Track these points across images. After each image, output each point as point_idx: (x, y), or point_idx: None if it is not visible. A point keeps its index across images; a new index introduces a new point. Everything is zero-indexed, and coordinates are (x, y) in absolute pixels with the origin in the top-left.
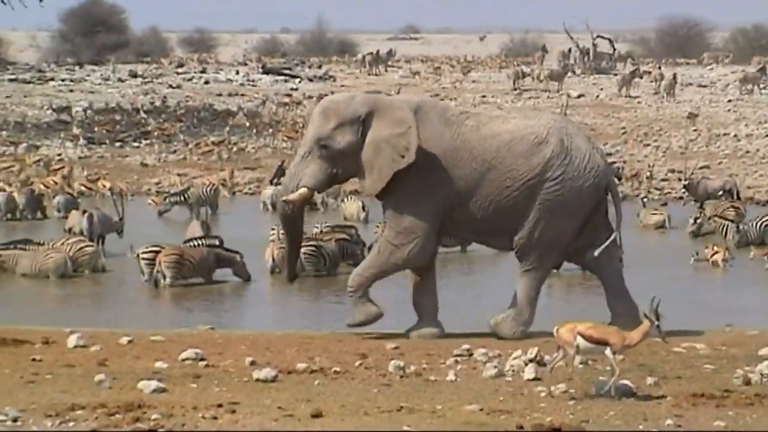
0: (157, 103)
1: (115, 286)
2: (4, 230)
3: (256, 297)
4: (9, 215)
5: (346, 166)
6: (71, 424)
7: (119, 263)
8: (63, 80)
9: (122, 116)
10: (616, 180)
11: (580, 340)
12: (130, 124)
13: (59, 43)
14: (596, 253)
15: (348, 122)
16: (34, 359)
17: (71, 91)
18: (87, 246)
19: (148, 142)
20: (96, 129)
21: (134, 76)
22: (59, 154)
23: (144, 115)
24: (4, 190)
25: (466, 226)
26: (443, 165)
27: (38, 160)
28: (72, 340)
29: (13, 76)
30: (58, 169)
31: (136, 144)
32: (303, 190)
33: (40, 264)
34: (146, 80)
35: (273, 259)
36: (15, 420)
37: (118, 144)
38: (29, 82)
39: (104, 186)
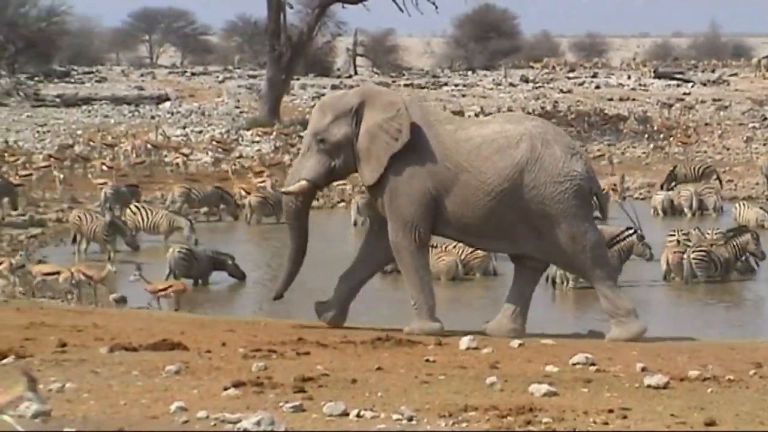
0: (548, 108)
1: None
2: None
3: (647, 302)
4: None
5: (344, 158)
6: (464, 424)
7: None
8: (456, 85)
9: None
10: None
11: None
12: None
13: (453, 49)
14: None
15: (342, 114)
16: (427, 360)
17: (464, 96)
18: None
19: None
20: None
21: (525, 80)
22: None
23: None
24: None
25: (452, 226)
26: (422, 164)
27: None
28: (464, 342)
29: (408, 81)
30: None
31: None
32: (302, 183)
33: (432, 266)
34: (537, 85)
35: (668, 264)
36: (410, 419)
37: None
38: (423, 87)
39: None
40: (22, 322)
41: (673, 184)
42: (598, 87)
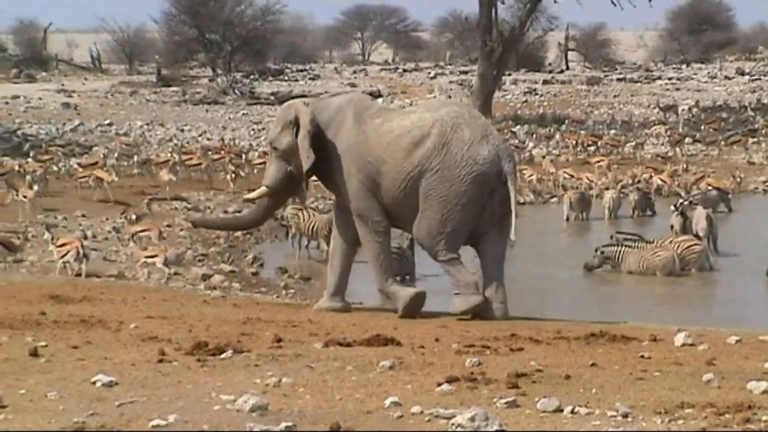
0: (765, 101)
1: (723, 285)
2: (611, 227)
3: None
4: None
5: (295, 164)
6: (680, 422)
7: (728, 262)
8: (669, 79)
9: (728, 114)
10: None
11: None
12: (736, 122)
13: (666, 42)
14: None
15: (286, 125)
16: (642, 356)
17: (677, 89)
18: (695, 244)
19: (755, 140)
20: (702, 127)
21: (741, 73)
22: (665, 153)
23: (751, 113)
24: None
25: (390, 216)
26: (352, 160)
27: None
28: (679, 338)
29: (620, 76)
30: (671, 168)
31: (743, 142)
32: (262, 188)
33: (647, 261)
34: (754, 77)
35: None
36: (625, 416)
37: (724, 142)
38: (636, 81)
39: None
40: (239, 317)
41: None
42: None
